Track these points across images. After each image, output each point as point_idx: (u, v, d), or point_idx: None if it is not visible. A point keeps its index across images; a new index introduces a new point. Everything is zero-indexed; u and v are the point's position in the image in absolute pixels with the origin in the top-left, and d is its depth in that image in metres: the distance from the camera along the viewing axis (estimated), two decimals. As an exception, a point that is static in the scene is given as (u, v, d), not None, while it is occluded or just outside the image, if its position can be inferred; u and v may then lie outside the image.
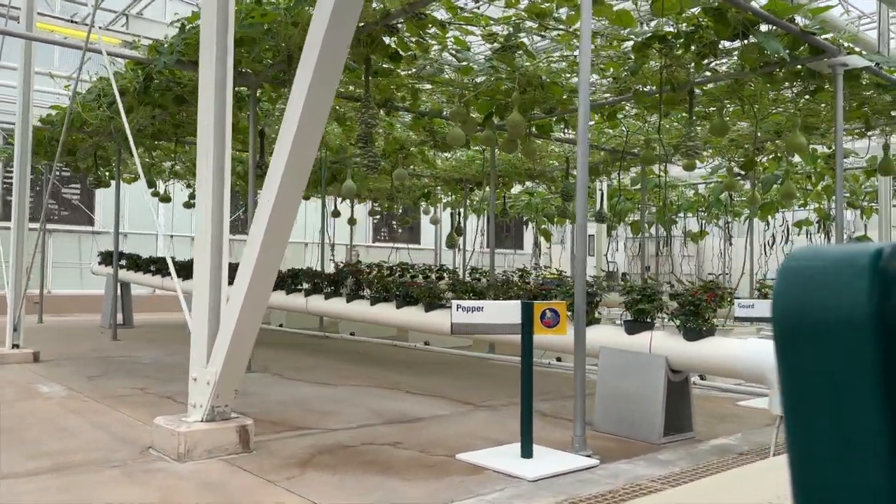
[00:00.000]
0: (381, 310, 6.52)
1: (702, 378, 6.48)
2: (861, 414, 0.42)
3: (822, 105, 8.00)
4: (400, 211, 18.23)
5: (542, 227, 18.22)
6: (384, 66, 6.33)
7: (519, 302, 3.66)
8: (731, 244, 15.31)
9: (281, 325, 11.97)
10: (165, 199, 13.75)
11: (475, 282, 7.59)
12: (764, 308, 5.39)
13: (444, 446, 3.98)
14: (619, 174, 12.05)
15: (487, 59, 6.20)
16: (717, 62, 6.56)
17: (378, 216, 15.62)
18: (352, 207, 14.42)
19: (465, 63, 6.22)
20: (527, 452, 3.67)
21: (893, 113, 8.05)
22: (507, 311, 3.65)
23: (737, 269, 15.47)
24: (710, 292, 4.01)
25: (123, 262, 12.16)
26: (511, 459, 3.67)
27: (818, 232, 13.63)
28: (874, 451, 0.41)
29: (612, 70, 6.94)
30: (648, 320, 4.38)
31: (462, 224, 15.22)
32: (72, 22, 11.26)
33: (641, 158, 8.28)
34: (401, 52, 5.90)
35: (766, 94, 7.41)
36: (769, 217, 14.29)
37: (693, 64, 6.22)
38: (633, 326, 4.39)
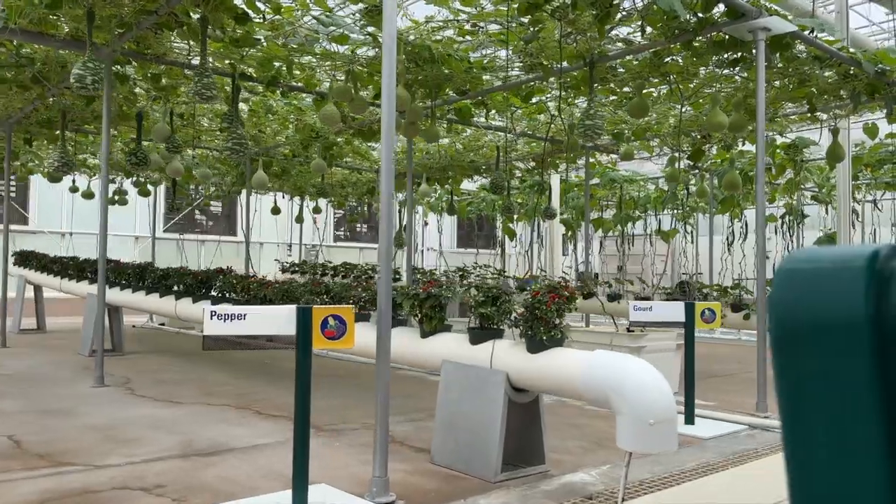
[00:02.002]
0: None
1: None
2: (858, 415, 0.42)
3: (764, 84, 7.21)
4: (364, 209, 17.37)
5: (507, 224, 17.41)
6: (241, 30, 5.50)
7: (294, 308, 2.84)
8: (692, 242, 14.53)
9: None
10: (88, 195, 12.93)
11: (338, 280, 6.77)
12: (664, 311, 4.59)
13: (214, 491, 3.16)
14: (567, 167, 11.24)
15: (357, 24, 5.37)
16: (630, 31, 5.75)
17: (317, 213, 14.71)
18: (274, 200, 13.59)
19: (332, 28, 5.40)
20: (299, 501, 2.84)
21: (843, 93, 7.25)
22: (276, 320, 2.83)
23: (713, 269, 14.66)
24: (554, 293, 3.20)
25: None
26: (281, 511, 2.85)
27: (782, 228, 12.84)
28: (871, 451, 0.41)
29: (516, 43, 6.13)
30: (496, 327, 3.56)
31: (410, 222, 14.38)
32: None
33: (566, 146, 7.48)
34: (250, 13, 5.07)
35: (695, 70, 6.62)
36: (735, 213, 13.53)
37: (596, 32, 5.42)
38: (478, 335, 3.57)
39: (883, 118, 7.93)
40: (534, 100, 7.80)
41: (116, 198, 13.31)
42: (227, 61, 6.42)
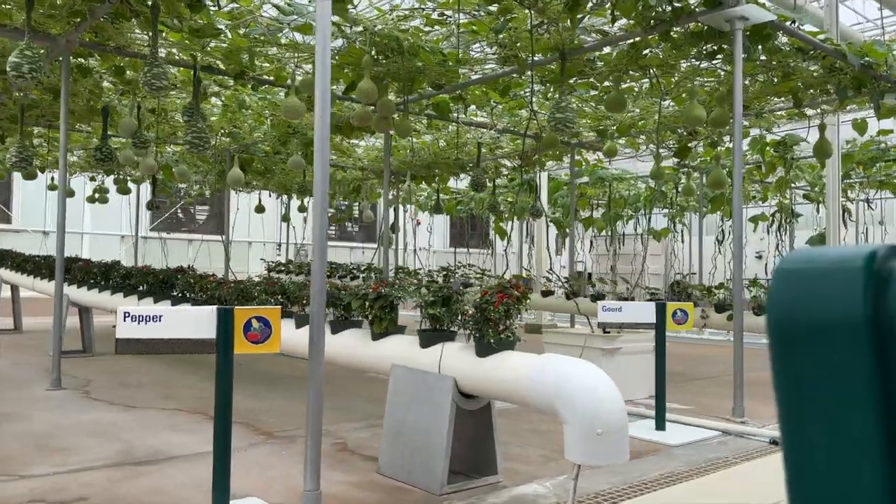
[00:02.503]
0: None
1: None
2: (856, 416, 0.42)
3: (748, 79, 7.01)
4: (355, 208, 17.10)
5: (499, 224, 17.20)
6: (199, 20, 5.28)
7: (213, 309, 2.63)
8: (681, 242, 14.32)
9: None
10: (67, 192, 12.71)
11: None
12: (634, 312, 4.38)
13: (139, 505, 2.95)
14: (541, 166, 11.02)
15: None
16: (605, 21, 5.54)
17: (303, 212, 14.48)
18: (259, 199, 13.39)
19: (294, 18, 5.18)
20: (217, 519, 2.63)
21: (830, 88, 7.04)
22: (195, 322, 2.62)
23: (706, 268, 14.51)
24: (503, 292, 2.99)
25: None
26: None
27: (772, 227, 12.63)
28: (869, 452, 0.41)
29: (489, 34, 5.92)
30: (448, 329, 3.35)
31: (396, 221, 14.19)
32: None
33: (544, 142, 7.26)
34: (205, 0, 4.85)
35: (676, 64, 6.41)
36: (725, 212, 13.32)
37: (568, 21, 5.21)
38: (427, 338, 3.36)
39: (872, 115, 7.74)
40: (513, 94, 7.60)
41: (97, 196, 13.10)
42: (192, 53, 6.21)
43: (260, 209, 13.58)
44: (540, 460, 3.72)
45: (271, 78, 6.86)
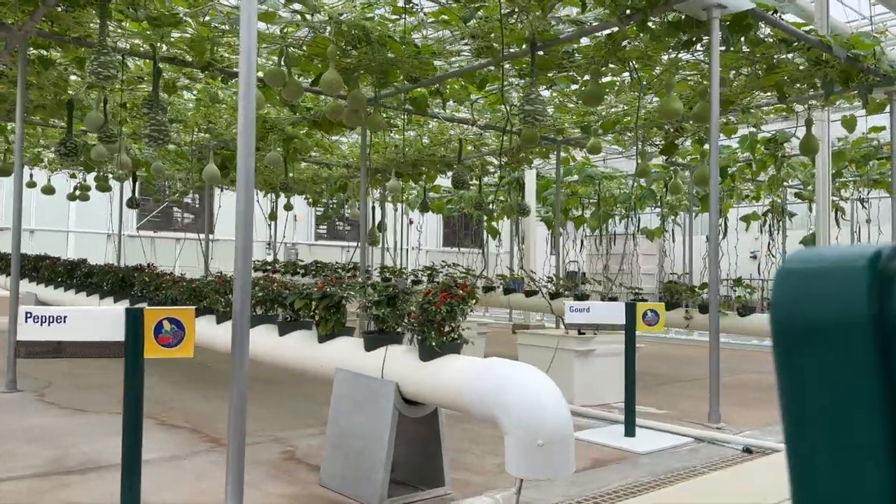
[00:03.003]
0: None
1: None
2: (861, 416, 0.42)
3: (732, 73, 6.80)
4: (341, 206, 16.88)
5: (490, 223, 16.99)
6: (158, 9, 5.07)
7: (122, 309, 2.42)
8: (673, 241, 14.11)
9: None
10: (48, 189, 12.51)
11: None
12: (602, 312, 4.18)
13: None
14: (527, 163, 10.80)
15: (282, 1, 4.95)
16: (579, 11, 5.32)
17: (289, 209, 14.22)
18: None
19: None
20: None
21: (817, 81, 6.83)
22: (103, 323, 2.41)
23: (698, 267, 14.33)
24: (447, 292, 2.78)
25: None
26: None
27: (764, 226, 12.42)
28: (874, 453, 0.41)
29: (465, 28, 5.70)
30: (394, 331, 3.14)
31: (383, 219, 13.98)
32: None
33: (522, 138, 7.05)
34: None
35: (657, 57, 6.20)
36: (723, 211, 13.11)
37: (539, 10, 5.00)
38: (372, 340, 3.15)
39: (862, 112, 7.53)
40: (492, 88, 7.39)
41: (78, 194, 12.88)
42: (157, 43, 6.00)
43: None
44: (496, 470, 3.51)
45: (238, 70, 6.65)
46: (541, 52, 6.19)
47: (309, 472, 3.43)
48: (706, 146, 8.80)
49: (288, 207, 14.17)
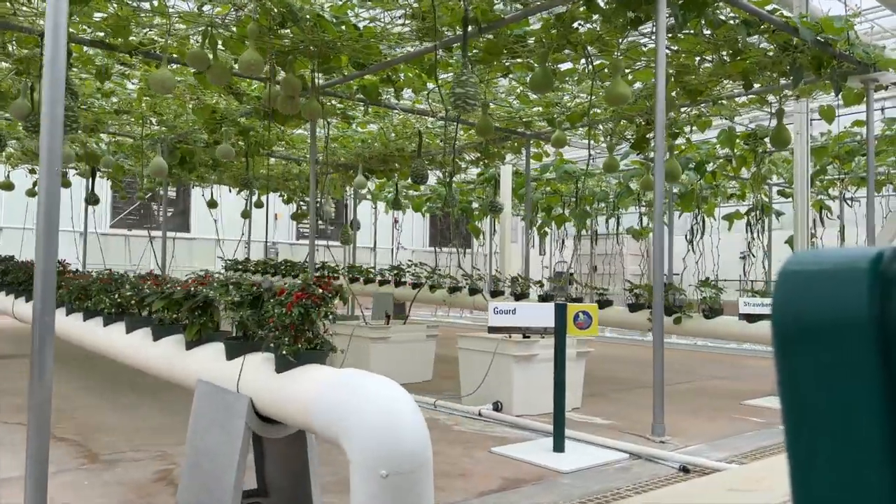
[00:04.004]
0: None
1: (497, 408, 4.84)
2: (861, 418, 0.42)
3: (697, 59, 6.39)
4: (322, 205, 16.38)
5: (473, 222, 16.60)
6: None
7: None
8: (646, 242, 13.67)
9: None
10: (6, 185, 12.11)
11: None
12: (530, 314, 3.77)
13: None
14: (500, 158, 10.38)
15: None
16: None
17: (259, 207, 13.79)
18: (211, 194, 12.76)
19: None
20: None
21: (788, 67, 6.41)
22: None
23: (677, 268, 13.94)
24: (303, 292, 2.37)
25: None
26: None
27: (748, 226, 12.00)
28: (874, 454, 0.41)
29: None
30: (258, 337, 2.73)
31: (356, 217, 13.58)
32: None
33: (477, 129, 6.64)
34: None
35: (613, 41, 5.78)
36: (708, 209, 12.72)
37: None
38: (234, 348, 2.74)
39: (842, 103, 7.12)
40: (446, 76, 6.98)
41: (37, 189, 12.48)
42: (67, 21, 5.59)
43: (212, 204, 12.94)
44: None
45: (174, 54, 6.24)
46: (490, 36, 5.80)
47: (171, 497, 3.02)
48: (679, 140, 8.39)
49: (258, 205, 13.74)
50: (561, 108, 7.99)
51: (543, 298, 8.22)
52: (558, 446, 3.81)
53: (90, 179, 11.65)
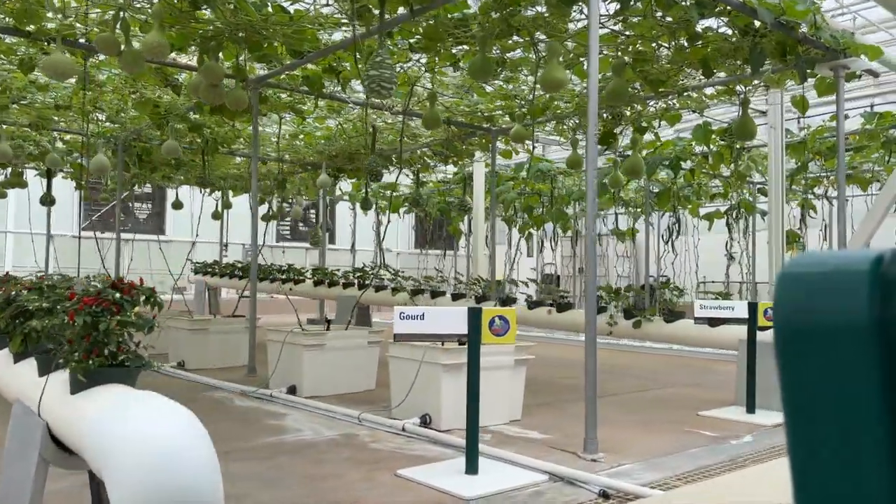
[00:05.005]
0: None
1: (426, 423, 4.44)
2: (862, 420, 0.42)
3: (654, 45, 5.99)
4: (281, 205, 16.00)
5: (456, 223, 16.19)
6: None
7: None
8: (633, 242, 13.30)
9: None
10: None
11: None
12: (440, 320, 3.36)
13: None
14: (468, 155, 9.98)
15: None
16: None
17: (228, 208, 13.36)
18: (176, 194, 12.33)
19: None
20: None
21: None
22: None
23: (649, 269, 13.56)
24: (94, 296, 1.97)
25: None
26: None
27: (728, 225, 11.61)
28: (876, 457, 0.42)
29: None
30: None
31: (326, 218, 13.18)
32: None
33: (423, 121, 6.24)
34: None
35: (562, 26, 5.39)
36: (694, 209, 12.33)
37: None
38: (45, 362, 2.34)
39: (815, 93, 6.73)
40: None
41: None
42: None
43: (177, 205, 12.53)
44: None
45: (87, 41, 5.84)
46: (431, 22, 5.42)
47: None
48: (635, 134, 7.99)
49: (226, 206, 13.34)
50: (520, 102, 7.59)
51: (503, 301, 7.81)
52: (471, 468, 3.41)
53: (48, 180, 11.26)
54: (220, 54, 5.94)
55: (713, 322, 5.54)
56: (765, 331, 5.28)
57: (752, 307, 5.12)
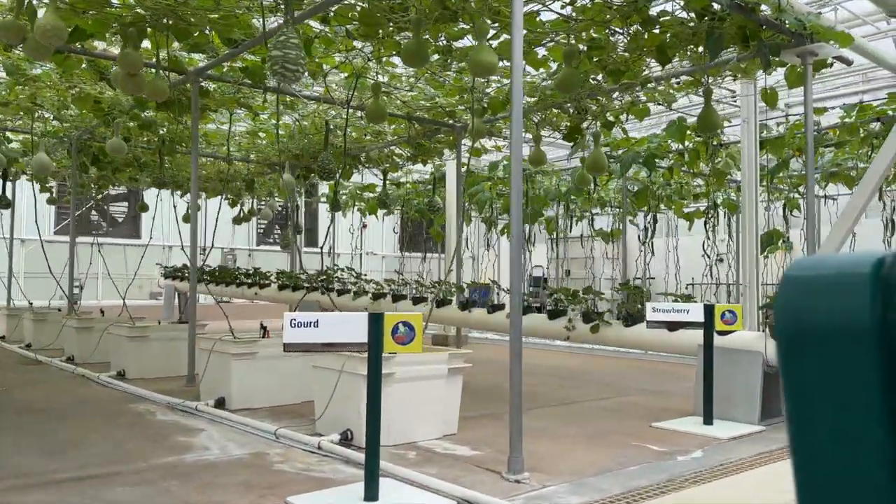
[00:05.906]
0: None
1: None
2: (863, 422, 0.42)
3: (606, 31, 5.62)
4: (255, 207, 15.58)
5: (436, 226, 15.81)
6: None
7: None
8: (619, 244, 12.93)
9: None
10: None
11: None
12: (337, 328, 2.99)
13: None
14: (436, 154, 9.62)
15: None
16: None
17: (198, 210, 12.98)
18: (141, 197, 11.95)
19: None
20: None
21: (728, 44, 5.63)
22: None
23: (626, 271, 13.24)
24: None
25: None
26: None
27: (706, 226, 11.23)
28: (876, 458, 0.41)
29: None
30: None
31: (297, 220, 12.82)
32: None
33: (367, 114, 5.87)
34: None
35: (507, 11, 5.02)
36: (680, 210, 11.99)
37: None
38: None
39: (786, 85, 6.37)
40: (339, 57, 6.23)
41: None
42: None
43: (142, 208, 12.14)
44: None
45: None
46: (365, 5, 5.06)
47: None
48: (599, 128, 7.63)
49: (196, 208, 12.94)
50: (477, 95, 7.22)
51: (464, 305, 7.44)
52: (370, 494, 3.03)
53: (3, 181, 10.87)
54: (148, 43, 5.60)
55: (671, 326, 5.16)
56: (724, 335, 4.91)
57: (709, 310, 4.75)
